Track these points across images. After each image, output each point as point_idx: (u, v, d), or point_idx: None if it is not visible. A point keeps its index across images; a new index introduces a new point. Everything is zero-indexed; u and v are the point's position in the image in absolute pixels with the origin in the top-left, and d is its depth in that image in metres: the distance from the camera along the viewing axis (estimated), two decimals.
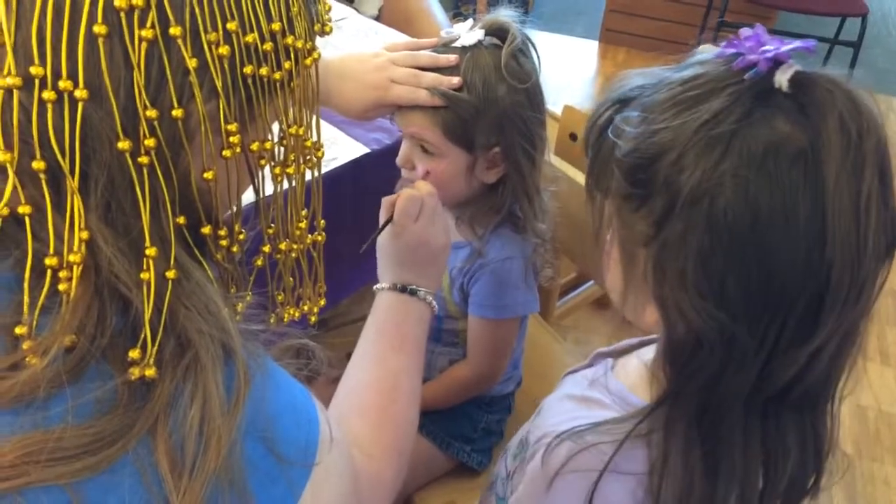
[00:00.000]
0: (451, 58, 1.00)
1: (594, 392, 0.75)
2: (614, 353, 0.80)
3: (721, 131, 0.56)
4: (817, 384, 0.60)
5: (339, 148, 1.25)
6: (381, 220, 0.92)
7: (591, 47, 4.00)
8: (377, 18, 1.80)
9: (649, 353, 0.76)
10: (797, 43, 0.58)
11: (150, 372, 0.47)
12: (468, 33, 1.02)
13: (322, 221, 0.71)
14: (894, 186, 0.58)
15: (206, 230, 0.54)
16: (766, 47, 0.58)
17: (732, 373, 0.59)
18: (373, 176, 1.25)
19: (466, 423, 1.26)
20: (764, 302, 0.57)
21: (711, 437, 0.62)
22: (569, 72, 3.77)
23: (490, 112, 0.99)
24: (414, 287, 0.89)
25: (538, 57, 1.05)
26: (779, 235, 0.55)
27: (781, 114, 0.56)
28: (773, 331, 0.57)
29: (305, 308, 0.73)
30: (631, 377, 0.75)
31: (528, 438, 0.83)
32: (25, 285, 0.46)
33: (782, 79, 0.57)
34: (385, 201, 0.93)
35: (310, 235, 0.68)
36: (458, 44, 1.02)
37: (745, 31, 0.60)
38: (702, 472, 0.62)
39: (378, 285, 0.92)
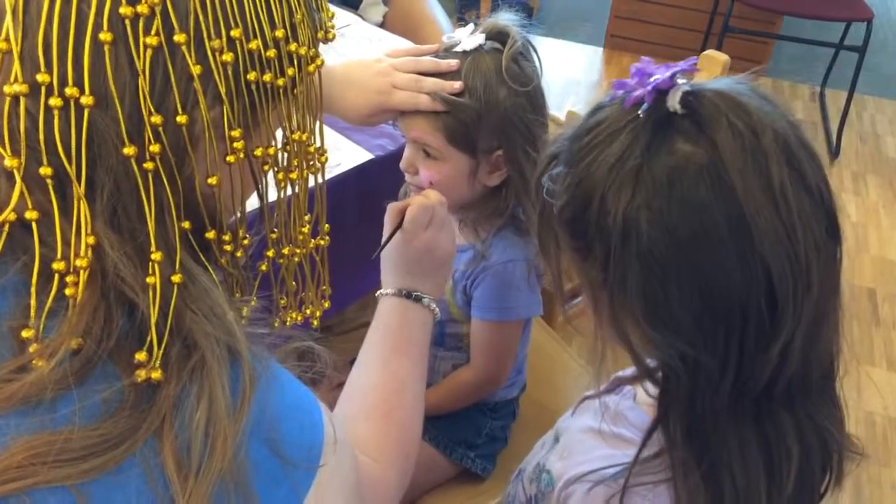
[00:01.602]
0: (453, 63, 1.01)
1: (619, 427, 0.75)
2: (633, 380, 0.79)
3: (628, 168, 0.58)
4: (799, 374, 0.61)
5: (344, 154, 1.26)
6: (388, 228, 0.93)
7: (595, 53, 4.01)
8: (381, 25, 1.81)
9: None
10: (679, 66, 0.60)
11: (156, 374, 0.48)
12: (469, 38, 1.03)
13: (326, 226, 0.71)
14: (813, 171, 0.59)
15: (211, 235, 0.55)
16: (652, 78, 0.59)
17: (706, 392, 0.60)
18: (377, 182, 1.26)
19: (470, 428, 1.25)
20: (714, 318, 0.58)
21: (706, 457, 0.62)
22: (573, 77, 3.77)
23: (491, 116, 1.00)
24: (418, 293, 0.90)
25: (539, 60, 1.06)
26: (706, 252, 0.57)
27: (680, 136, 0.58)
28: (734, 342, 0.58)
29: (308, 312, 0.74)
30: (653, 406, 0.74)
31: (549, 469, 0.83)
32: (32, 289, 0.47)
33: (673, 102, 0.59)
34: (392, 209, 0.93)
35: (313, 240, 0.69)
36: (459, 48, 1.03)
37: (631, 67, 0.62)
38: (705, 495, 0.62)
39: (382, 291, 0.92)
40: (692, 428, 0.62)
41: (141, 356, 0.48)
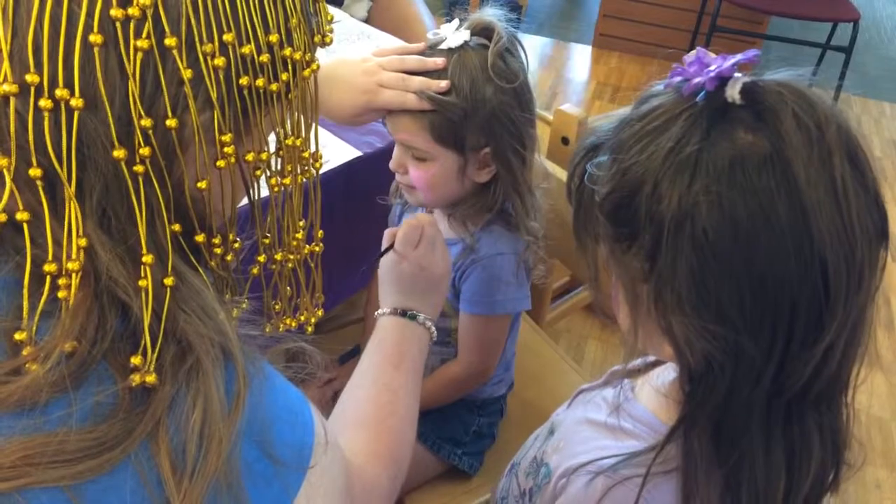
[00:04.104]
0: (439, 61, 1.01)
1: (619, 419, 0.75)
2: (630, 373, 0.80)
3: (686, 154, 0.57)
4: (834, 376, 0.61)
5: (331, 151, 1.26)
6: (383, 248, 0.95)
7: (584, 52, 4.01)
8: (366, 21, 1.81)
9: (665, 372, 0.76)
10: (739, 57, 0.59)
11: (151, 378, 0.47)
12: (454, 34, 1.03)
13: (321, 232, 0.71)
14: (870, 169, 0.59)
15: (200, 238, 0.55)
16: (710, 67, 0.59)
17: (746, 386, 0.60)
18: (365, 179, 1.26)
19: (458, 425, 1.26)
20: (763, 310, 0.57)
21: (732, 456, 0.62)
22: (562, 76, 3.78)
23: (478, 114, 1.00)
24: (413, 312, 0.92)
25: (525, 54, 1.06)
26: (764, 242, 0.56)
27: (740, 125, 0.57)
28: (781, 335, 0.58)
29: (302, 318, 0.74)
30: (655, 401, 0.74)
31: (546, 461, 0.83)
32: (25, 291, 0.47)
33: (733, 92, 0.58)
34: (387, 233, 0.96)
35: (307, 246, 0.69)
36: (444, 46, 1.02)
37: (688, 57, 0.61)
38: (722, 495, 0.63)
39: (379, 311, 0.94)
40: (722, 427, 0.62)
41: (136, 360, 0.48)
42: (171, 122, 0.48)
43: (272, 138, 0.59)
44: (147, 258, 0.49)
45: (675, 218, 0.57)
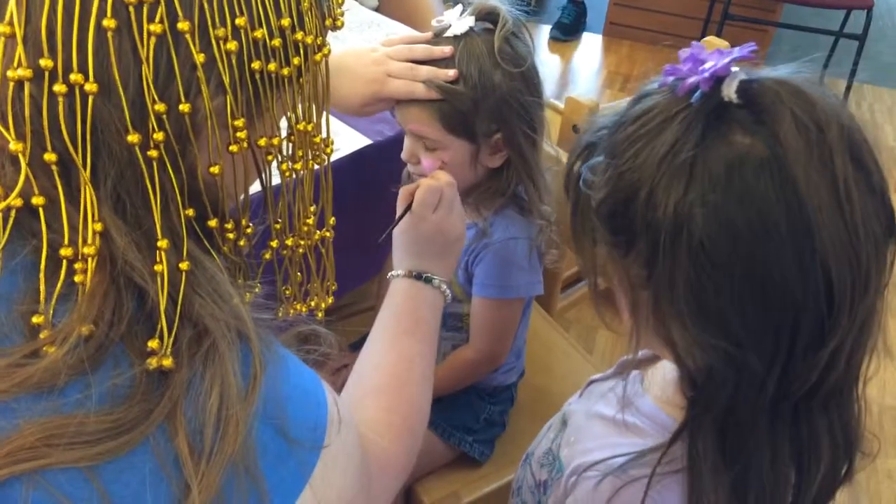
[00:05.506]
0: (446, 49, 1.01)
1: (628, 415, 0.73)
2: (639, 363, 0.78)
3: (681, 160, 0.55)
4: (842, 377, 0.59)
5: (342, 139, 1.26)
6: (399, 209, 0.93)
7: (595, 41, 4.00)
8: (376, 10, 1.81)
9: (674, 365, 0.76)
10: (735, 53, 0.57)
11: (167, 362, 0.48)
12: (459, 21, 1.02)
13: (332, 219, 0.71)
14: (877, 168, 0.57)
15: (213, 223, 0.55)
16: (706, 65, 0.56)
17: (749, 394, 0.58)
18: (375, 167, 1.26)
19: (468, 413, 1.26)
20: (764, 321, 0.56)
21: (738, 459, 0.61)
22: (573, 66, 3.77)
23: (488, 100, 1.00)
24: (429, 275, 0.91)
25: (531, 38, 1.05)
26: (764, 250, 0.54)
27: (738, 126, 0.55)
28: (784, 343, 0.56)
29: (312, 304, 0.74)
30: (663, 394, 0.73)
31: (559, 455, 0.83)
32: (41, 276, 0.47)
33: (729, 92, 0.56)
34: (403, 191, 0.94)
35: (318, 231, 0.69)
36: (450, 33, 1.02)
37: (682, 53, 0.59)
38: (729, 496, 0.62)
39: (393, 272, 0.93)
40: (728, 431, 0.61)
41: (153, 344, 0.48)
42: (184, 107, 0.48)
43: (284, 124, 0.59)
44: (162, 243, 0.49)
45: (671, 227, 0.55)
